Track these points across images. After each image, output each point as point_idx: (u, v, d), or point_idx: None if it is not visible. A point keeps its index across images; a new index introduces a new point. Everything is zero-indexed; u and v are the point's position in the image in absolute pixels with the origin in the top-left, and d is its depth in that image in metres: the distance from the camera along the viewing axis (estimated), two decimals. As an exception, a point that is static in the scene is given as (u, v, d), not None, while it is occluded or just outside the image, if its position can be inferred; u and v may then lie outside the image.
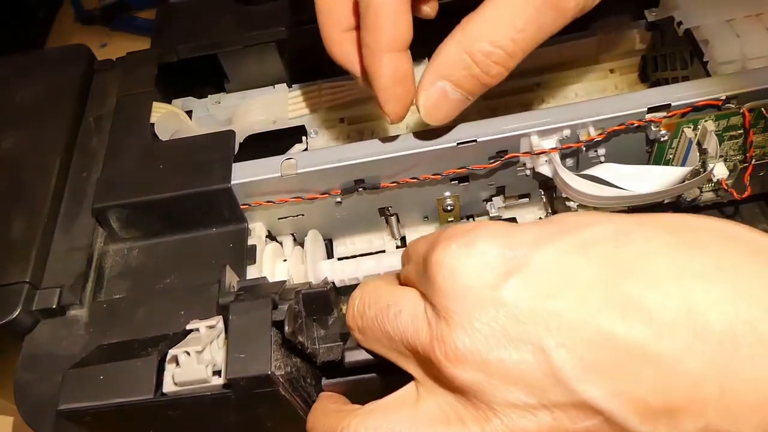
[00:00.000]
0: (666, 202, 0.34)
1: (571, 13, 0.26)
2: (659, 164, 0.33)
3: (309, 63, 0.44)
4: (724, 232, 0.20)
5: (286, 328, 0.25)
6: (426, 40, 0.29)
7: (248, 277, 0.31)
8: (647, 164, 0.33)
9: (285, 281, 0.28)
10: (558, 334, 0.19)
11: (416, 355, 0.22)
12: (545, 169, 0.32)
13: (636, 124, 0.31)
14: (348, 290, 0.35)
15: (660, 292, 0.19)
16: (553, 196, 0.35)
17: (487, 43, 0.26)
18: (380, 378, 0.26)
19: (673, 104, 0.30)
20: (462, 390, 0.21)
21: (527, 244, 0.21)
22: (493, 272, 0.20)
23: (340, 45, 0.30)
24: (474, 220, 0.34)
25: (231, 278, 0.29)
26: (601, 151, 0.32)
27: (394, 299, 0.23)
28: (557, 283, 0.20)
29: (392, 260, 0.33)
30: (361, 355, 0.25)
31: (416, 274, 0.23)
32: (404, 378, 0.25)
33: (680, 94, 0.30)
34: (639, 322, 0.19)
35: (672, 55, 0.38)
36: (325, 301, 0.26)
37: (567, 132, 0.31)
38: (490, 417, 0.20)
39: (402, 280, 0.25)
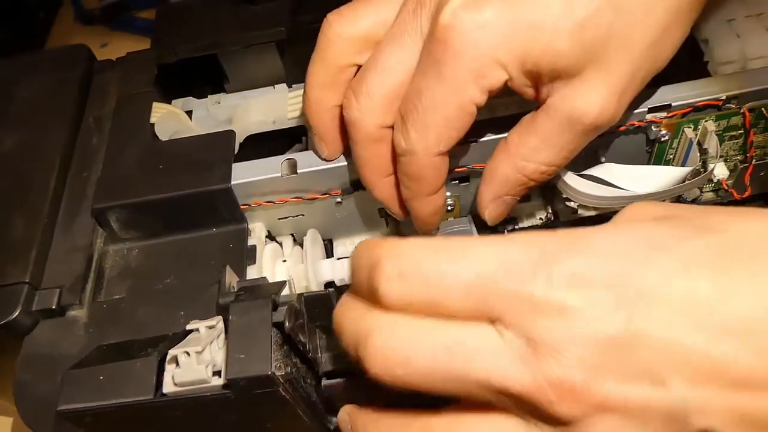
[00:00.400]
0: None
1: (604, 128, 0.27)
2: (659, 164, 0.33)
3: (309, 63, 0.44)
4: None
5: (286, 323, 0.25)
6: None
7: (248, 278, 0.31)
8: (647, 164, 0.33)
9: (285, 281, 0.28)
10: (677, 366, 0.18)
11: (501, 396, 0.20)
12: (545, 170, 0.32)
13: (636, 125, 0.31)
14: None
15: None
16: (553, 196, 0.35)
17: (540, 164, 0.27)
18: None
19: (673, 104, 0.30)
20: (562, 424, 0.19)
21: (629, 263, 0.19)
22: (602, 302, 0.19)
23: (381, 189, 0.30)
24: (475, 223, 0.34)
25: (231, 278, 0.29)
26: (602, 151, 0.32)
27: (452, 338, 0.20)
28: (671, 310, 0.18)
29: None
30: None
31: (469, 302, 0.20)
32: None
33: (680, 94, 0.30)
34: (760, 348, 0.18)
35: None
36: (327, 305, 0.26)
37: (567, 132, 0.31)
38: None
39: (412, 303, 0.20)
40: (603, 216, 0.32)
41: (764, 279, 0.18)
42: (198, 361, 0.24)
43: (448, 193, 0.34)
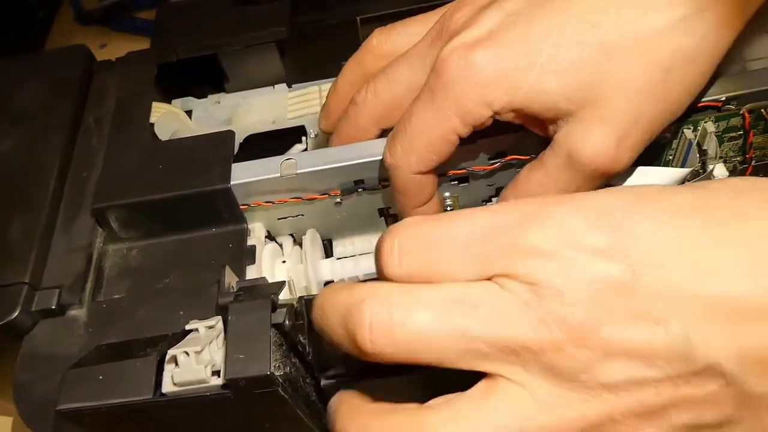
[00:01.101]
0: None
1: (622, 170, 0.27)
2: (659, 165, 0.33)
3: (309, 63, 0.44)
4: None
5: (286, 322, 0.25)
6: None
7: (247, 278, 0.31)
8: (647, 165, 0.33)
9: (284, 282, 0.28)
10: (675, 304, 0.19)
11: (502, 350, 0.20)
12: (545, 170, 0.32)
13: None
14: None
15: (762, 249, 0.19)
16: (552, 197, 0.35)
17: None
18: (384, 381, 0.26)
19: (672, 105, 0.30)
20: (569, 373, 0.20)
21: (621, 213, 0.20)
22: (599, 251, 0.20)
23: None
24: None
25: (230, 278, 0.29)
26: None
27: (456, 294, 0.20)
28: (663, 254, 0.20)
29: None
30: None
31: (467, 261, 0.21)
32: (410, 379, 0.25)
33: (680, 95, 0.30)
34: (754, 279, 0.19)
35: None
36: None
37: (567, 133, 0.31)
38: (607, 396, 0.20)
39: (417, 271, 0.21)
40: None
41: (753, 217, 0.20)
42: (197, 361, 0.24)
43: (447, 194, 0.34)
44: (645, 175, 0.31)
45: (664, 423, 0.20)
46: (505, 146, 0.31)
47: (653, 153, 0.33)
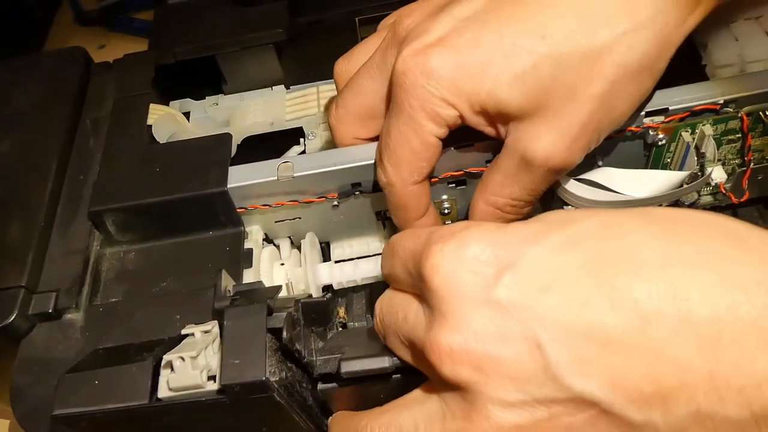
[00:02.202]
0: (664, 206, 0.33)
1: (574, 166, 0.28)
2: (657, 168, 0.33)
3: (307, 65, 0.44)
4: (704, 221, 0.21)
5: (284, 334, 0.25)
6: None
7: (245, 281, 0.31)
8: (645, 168, 0.33)
9: (280, 286, 0.28)
10: (551, 329, 0.20)
11: (426, 365, 0.22)
12: (542, 173, 0.32)
13: (634, 129, 0.30)
14: (347, 293, 0.35)
15: (645, 281, 0.20)
16: (550, 200, 0.35)
17: (507, 198, 0.29)
18: (376, 384, 0.26)
19: (670, 108, 0.30)
20: (458, 388, 0.21)
21: (517, 243, 0.22)
22: (486, 273, 0.21)
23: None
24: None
25: (227, 282, 0.29)
26: (599, 155, 0.32)
27: (402, 305, 0.24)
28: (548, 279, 0.21)
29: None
30: (357, 366, 0.25)
31: (405, 274, 0.24)
32: (403, 382, 0.26)
33: (678, 98, 0.30)
34: (626, 311, 0.19)
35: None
36: (324, 312, 0.26)
37: (564, 136, 0.31)
38: (485, 415, 0.21)
39: (385, 276, 0.27)
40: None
41: (638, 249, 0.20)
42: (193, 366, 0.24)
43: (445, 197, 0.34)
44: (644, 178, 0.30)
45: None
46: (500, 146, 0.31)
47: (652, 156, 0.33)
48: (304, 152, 0.40)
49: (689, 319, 0.19)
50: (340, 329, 0.33)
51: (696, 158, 0.31)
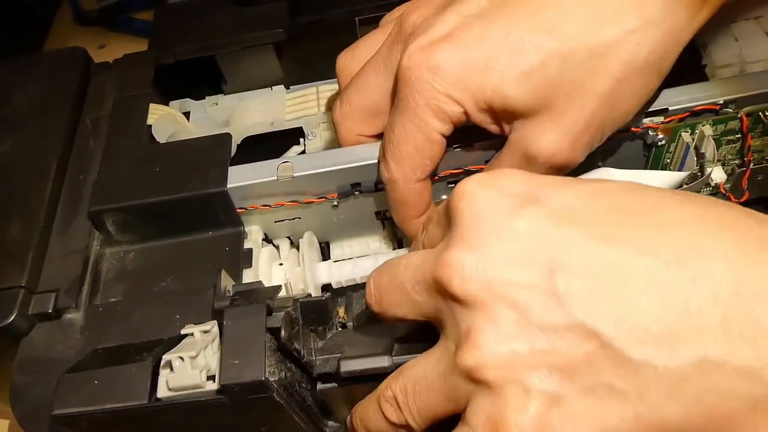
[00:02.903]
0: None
1: (576, 164, 0.28)
2: (657, 169, 0.33)
3: (307, 64, 0.44)
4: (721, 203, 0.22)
5: (282, 333, 0.25)
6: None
7: (244, 281, 0.31)
8: (645, 169, 0.33)
9: (280, 286, 0.28)
10: (565, 259, 0.20)
11: (429, 291, 0.23)
12: (542, 173, 0.32)
13: (633, 129, 0.30)
14: (346, 292, 0.35)
15: (669, 233, 0.20)
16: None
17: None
18: (376, 385, 0.26)
19: (670, 108, 0.30)
20: (464, 307, 0.21)
21: (547, 183, 0.22)
22: (510, 202, 0.22)
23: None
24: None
25: (226, 282, 0.29)
26: (599, 155, 0.32)
27: (401, 259, 0.25)
28: (571, 217, 0.21)
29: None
30: (356, 365, 0.25)
31: (437, 224, 0.25)
32: None
33: (678, 98, 0.30)
34: (647, 255, 0.20)
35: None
36: (323, 311, 0.26)
37: (564, 136, 0.31)
38: (480, 336, 0.20)
39: (423, 245, 0.26)
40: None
41: (663, 206, 0.21)
42: (192, 366, 0.24)
43: (445, 197, 0.34)
44: (644, 178, 0.30)
45: (538, 375, 0.20)
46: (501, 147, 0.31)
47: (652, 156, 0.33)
48: (303, 152, 0.40)
49: (709, 270, 0.19)
50: (340, 329, 0.33)
51: (696, 158, 0.32)
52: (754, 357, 0.18)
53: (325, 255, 0.37)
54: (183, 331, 0.26)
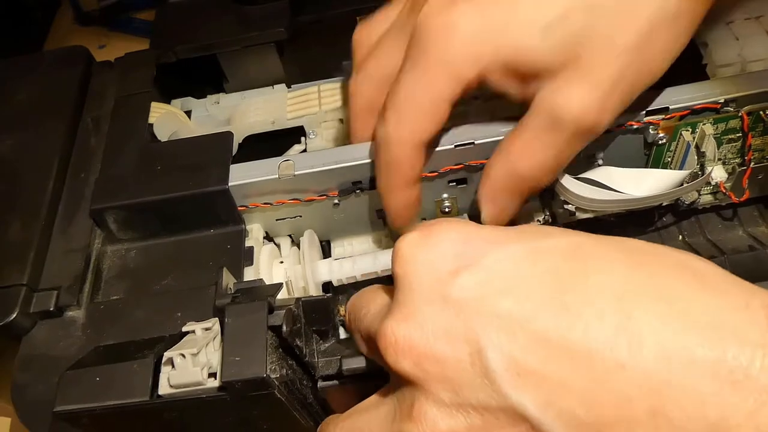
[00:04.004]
0: (664, 205, 0.33)
1: (603, 130, 0.26)
2: (657, 167, 0.33)
3: (308, 63, 0.44)
4: (677, 260, 0.20)
5: (284, 328, 0.25)
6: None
7: (245, 279, 0.31)
8: (645, 167, 0.33)
9: (281, 284, 0.28)
10: (496, 334, 0.19)
11: (376, 353, 0.22)
12: (543, 172, 0.32)
13: (634, 127, 0.31)
14: (346, 290, 0.35)
15: (599, 307, 0.19)
16: (550, 199, 0.35)
17: (530, 163, 0.27)
18: (377, 383, 0.26)
19: (671, 107, 0.30)
20: (407, 383, 0.21)
21: (483, 243, 0.21)
22: (444, 267, 0.21)
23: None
24: (467, 218, 0.34)
25: (228, 280, 0.29)
26: (599, 154, 0.32)
27: (368, 302, 0.25)
28: (503, 284, 0.20)
29: (388, 258, 0.33)
30: (358, 363, 0.25)
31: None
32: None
33: (678, 97, 0.30)
34: (574, 333, 0.19)
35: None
36: (325, 311, 0.26)
37: (565, 134, 0.31)
38: (420, 413, 0.20)
39: None
40: (600, 219, 0.32)
41: (599, 274, 0.20)
42: (194, 363, 0.24)
43: (445, 195, 0.34)
44: (644, 177, 0.31)
45: None
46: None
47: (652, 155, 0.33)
48: (305, 151, 0.40)
49: (638, 353, 0.18)
50: (341, 329, 0.33)
51: (696, 157, 0.32)
52: None
53: (326, 253, 0.37)
54: (184, 329, 0.26)
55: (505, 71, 0.26)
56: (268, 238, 0.35)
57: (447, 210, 0.34)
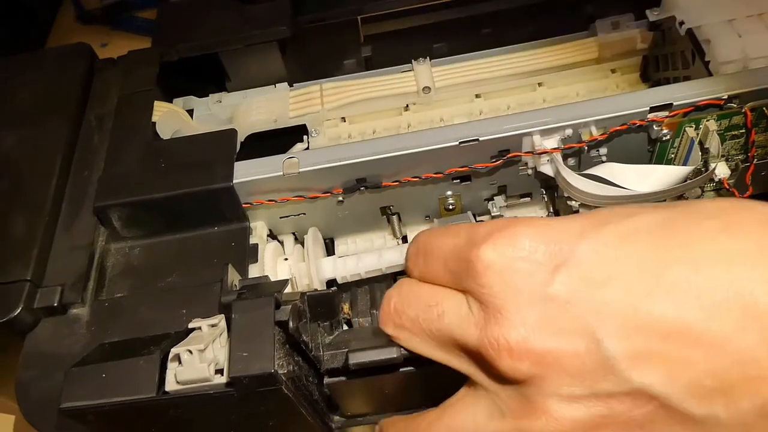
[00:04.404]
0: (667, 201, 0.34)
1: None
2: (661, 164, 0.33)
3: (310, 62, 0.44)
4: (760, 214, 0.20)
5: (291, 324, 0.25)
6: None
7: (250, 276, 0.31)
8: (649, 164, 0.33)
9: (287, 280, 0.28)
10: (609, 323, 0.20)
11: (468, 353, 0.22)
12: (547, 169, 0.32)
13: (638, 124, 0.31)
14: (350, 288, 0.35)
15: (707, 276, 0.19)
16: (554, 196, 0.35)
17: None
18: (383, 377, 0.26)
19: (675, 104, 0.30)
20: (515, 384, 0.21)
21: (571, 236, 0.21)
22: (541, 268, 0.21)
23: None
24: (476, 219, 0.34)
25: (233, 277, 0.29)
26: (603, 150, 0.32)
27: (435, 300, 0.24)
28: (604, 273, 0.20)
29: (393, 255, 0.33)
30: (365, 357, 0.25)
31: (445, 272, 0.24)
32: (410, 374, 0.26)
33: (682, 93, 0.30)
34: (688, 305, 0.19)
35: (673, 54, 0.38)
36: (330, 305, 0.26)
37: (569, 131, 0.31)
38: (543, 409, 0.20)
39: (421, 275, 0.25)
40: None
41: (698, 244, 0.20)
42: (200, 359, 0.24)
43: (449, 192, 0.34)
44: (648, 173, 0.31)
45: None
46: (508, 144, 0.31)
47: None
48: (307, 149, 0.40)
49: (754, 312, 0.18)
50: (345, 326, 0.33)
51: (700, 154, 0.32)
52: None
53: (330, 251, 0.37)
54: (190, 325, 0.26)
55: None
56: (272, 235, 0.35)
57: (451, 207, 0.35)
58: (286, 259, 0.34)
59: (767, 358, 0.18)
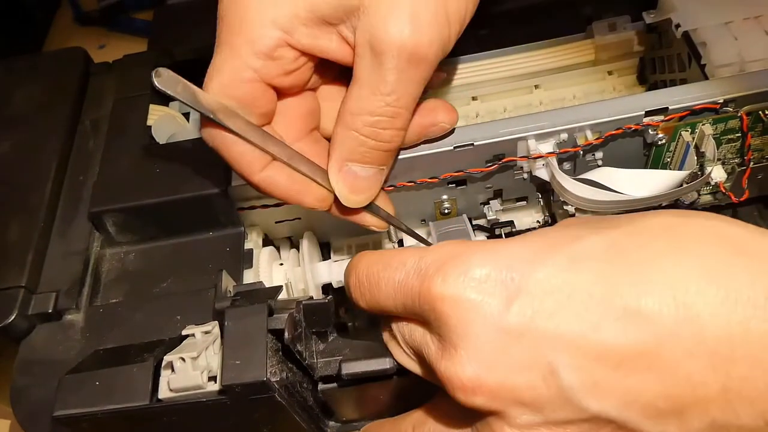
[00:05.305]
0: (664, 205, 0.33)
1: (432, 58, 0.26)
2: (657, 168, 0.33)
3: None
4: (709, 230, 0.21)
5: (286, 335, 0.25)
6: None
7: (245, 281, 0.31)
8: (645, 168, 0.33)
9: (281, 286, 0.28)
10: (563, 354, 0.20)
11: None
12: (542, 173, 0.32)
13: (633, 128, 0.30)
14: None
15: (656, 301, 0.19)
16: (550, 200, 0.35)
17: (366, 115, 0.26)
18: (377, 385, 0.26)
19: (670, 108, 0.30)
20: (478, 413, 0.21)
21: (522, 262, 0.21)
22: (494, 299, 0.21)
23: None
24: (471, 223, 0.34)
25: (227, 283, 0.29)
26: (599, 154, 0.32)
27: (392, 299, 0.23)
28: (557, 302, 0.20)
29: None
30: (358, 367, 0.25)
31: (398, 307, 0.23)
32: (403, 382, 0.26)
33: (678, 97, 0.30)
34: (639, 331, 0.19)
35: (670, 57, 0.38)
36: (325, 313, 0.26)
37: (564, 135, 0.31)
38: None
39: (369, 307, 0.25)
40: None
41: (645, 267, 0.20)
42: (193, 366, 0.24)
43: (445, 197, 0.34)
44: (644, 178, 0.30)
45: None
46: (504, 149, 0.31)
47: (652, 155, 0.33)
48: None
49: (701, 337, 0.19)
50: (340, 331, 0.33)
51: (696, 158, 0.32)
52: (755, 415, 0.19)
53: (326, 255, 0.37)
54: (184, 332, 0.26)
55: (310, 22, 0.25)
56: (267, 240, 0.35)
57: (447, 211, 0.34)
58: (281, 263, 0.34)
59: (715, 380, 0.19)
